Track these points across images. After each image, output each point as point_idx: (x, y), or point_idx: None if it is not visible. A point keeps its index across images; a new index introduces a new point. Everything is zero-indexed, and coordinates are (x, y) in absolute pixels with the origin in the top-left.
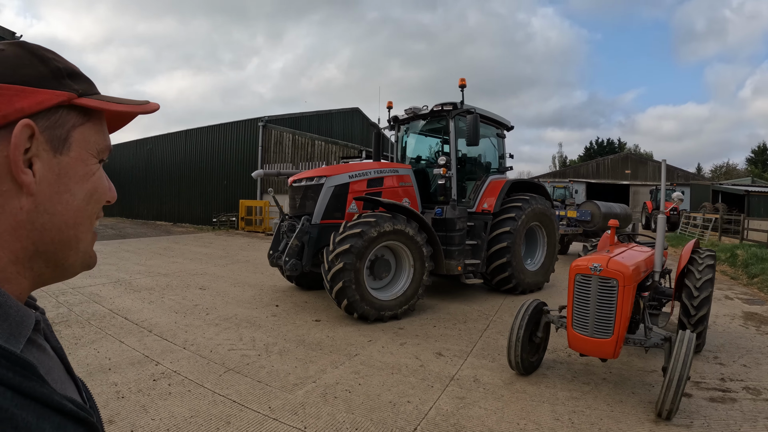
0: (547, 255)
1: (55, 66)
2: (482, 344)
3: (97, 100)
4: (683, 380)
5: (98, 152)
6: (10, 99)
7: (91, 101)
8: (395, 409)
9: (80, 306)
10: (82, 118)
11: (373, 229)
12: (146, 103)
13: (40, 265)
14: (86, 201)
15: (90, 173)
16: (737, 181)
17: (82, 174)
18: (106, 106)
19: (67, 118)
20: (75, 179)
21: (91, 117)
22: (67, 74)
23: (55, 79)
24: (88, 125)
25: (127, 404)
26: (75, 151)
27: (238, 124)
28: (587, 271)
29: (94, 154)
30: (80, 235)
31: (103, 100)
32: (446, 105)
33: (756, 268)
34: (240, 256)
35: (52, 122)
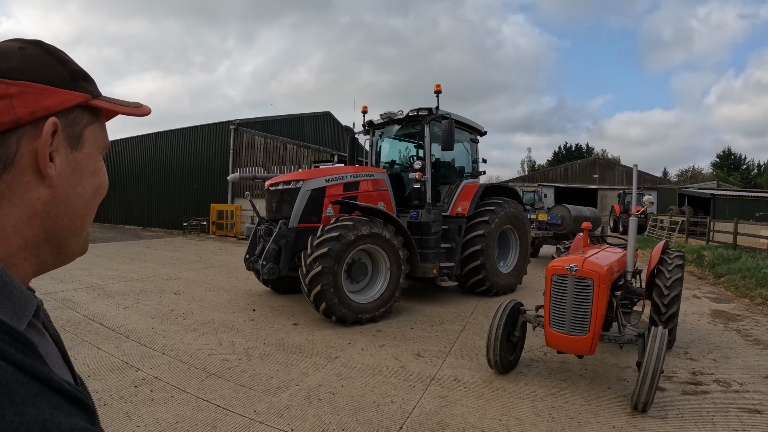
0: (520, 257)
1: (73, 68)
2: (460, 345)
3: (108, 102)
4: (657, 374)
5: (103, 149)
6: (36, 97)
7: (103, 103)
8: (380, 410)
9: (54, 312)
10: (92, 118)
11: (350, 232)
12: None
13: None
14: (94, 193)
15: (98, 169)
16: (703, 185)
17: (92, 169)
18: (114, 108)
19: (81, 117)
20: (87, 174)
21: (98, 117)
22: (82, 76)
23: (73, 80)
24: (96, 124)
25: (110, 411)
26: (87, 147)
27: (209, 127)
28: (563, 271)
29: (100, 151)
30: (85, 225)
31: (109, 101)
32: (421, 110)
33: (722, 268)
34: (213, 261)
35: (70, 120)
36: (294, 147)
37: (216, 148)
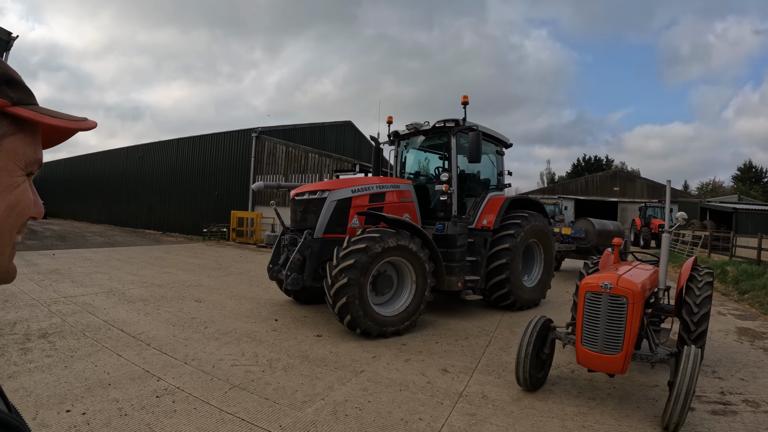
0: (544, 271)
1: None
2: (486, 360)
3: (31, 111)
4: (690, 394)
5: (27, 164)
6: None
7: (24, 111)
8: (408, 427)
9: (74, 316)
10: (13, 128)
11: (377, 244)
12: (84, 120)
13: None
14: (7, 213)
15: (14, 185)
16: (724, 198)
17: (5, 185)
18: (39, 118)
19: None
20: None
21: (23, 128)
22: (5, 81)
23: None
24: (18, 136)
25: (131, 422)
26: (2, 160)
27: (231, 134)
28: (597, 288)
29: (22, 166)
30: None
31: (40, 112)
32: (448, 121)
33: (746, 284)
34: (234, 268)
35: None
36: (316, 156)
37: (237, 156)
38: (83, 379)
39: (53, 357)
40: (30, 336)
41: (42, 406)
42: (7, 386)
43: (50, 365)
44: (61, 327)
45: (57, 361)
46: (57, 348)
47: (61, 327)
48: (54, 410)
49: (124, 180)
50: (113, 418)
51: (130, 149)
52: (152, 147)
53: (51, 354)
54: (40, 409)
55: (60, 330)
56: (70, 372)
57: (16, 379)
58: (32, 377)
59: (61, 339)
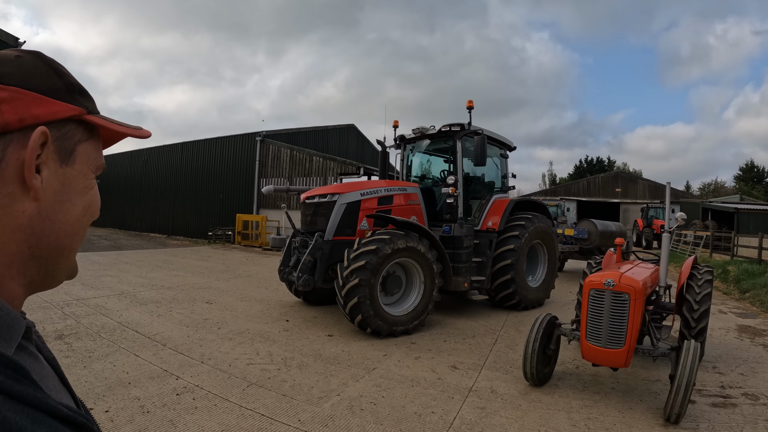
0: (548, 272)
1: (69, 81)
2: (493, 358)
3: (104, 120)
4: (690, 386)
5: (96, 168)
6: (28, 105)
7: (98, 119)
8: (422, 420)
9: (88, 318)
10: (87, 134)
11: (387, 246)
12: (140, 129)
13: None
14: (83, 212)
15: (89, 187)
16: (726, 198)
17: (83, 186)
18: (110, 126)
19: (75, 131)
20: (76, 190)
21: (93, 134)
22: (78, 91)
23: (69, 93)
24: (91, 141)
25: (153, 419)
26: (79, 164)
27: (235, 138)
28: (601, 286)
29: (93, 170)
30: (74, 245)
31: (106, 120)
32: (454, 125)
33: (747, 284)
34: (241, 271)
35: (62, 134)
36: (320, 159)
37: (242, 159)
38: (103, 378)
39: (71, 358)
40: (46, 337)
41: None
42: None
43: (69, 366)
44: (76, 328)
45: (75, 361)
46: (74, 349)
47: (77, 328)
48: None
49: (128, 184)
50: (136, 415)
51: (134, 153)
52: (156, 151)
53: (69, 355)
54: None
55: (75, 331)
56: (90, 372)
57: None
58: None
59: (78, 340)
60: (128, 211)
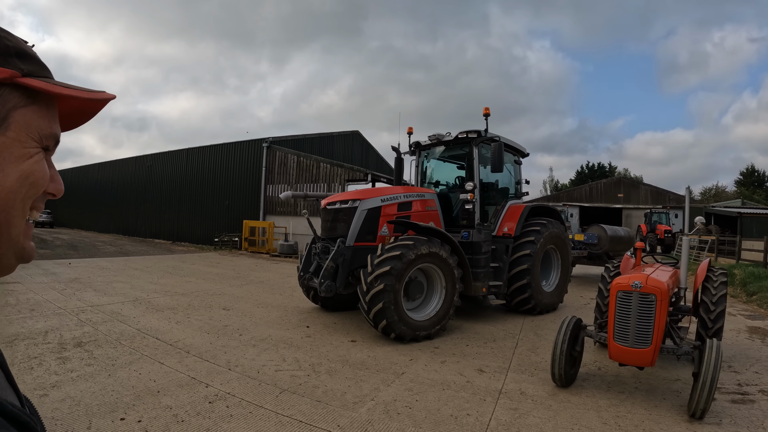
0: (561, 276)
1: (4, 44)
2: (517, 361)
3: (42, 82)
4: (715, 382)
5: (41, 138)
6: None
7: (34, 81)
8: (458, 422)
9: (105, 325)
10: (25, 100)
11: (411, 251)
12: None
13: None
14: (19, 183)
15: (26, 155)
16: (729, 203)
17: (17, 155)
18: (50, 88)
19: (8, 97)
20: (9, 159)
21: (36, 100)
22: (16, 53)
23: (2, 56)
24: (32, 108)
25: (189, 428)
26: (13, 131)
27: (242, 144)
28: (628, 288)
29: (36, 139)
30: (12, 220)
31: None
32: (471, 132)
33: (754, 286)
34: (252, 277)
35: None
36: (327, 165)
37: (248, 165)
38: (130, 387)
39: (94, 366)
40: (65, 345)
41: (94, 415)
42: (53, 396)
43: (93, 374)
44: (94, 336)
45: (99, 369)
46: (95, 357)
47: (95, 336)
48: (107, 419)
49: (132, 189)
50: (171, 425)
51: (138, 159)
52: (161, 157)
53: (91, 363)
54: (93, 418)
55: (94, 339)
56: (115, 380)
57: (60, 389)
58: (76, 386)
59: (98, 348)
60: (132, 216)
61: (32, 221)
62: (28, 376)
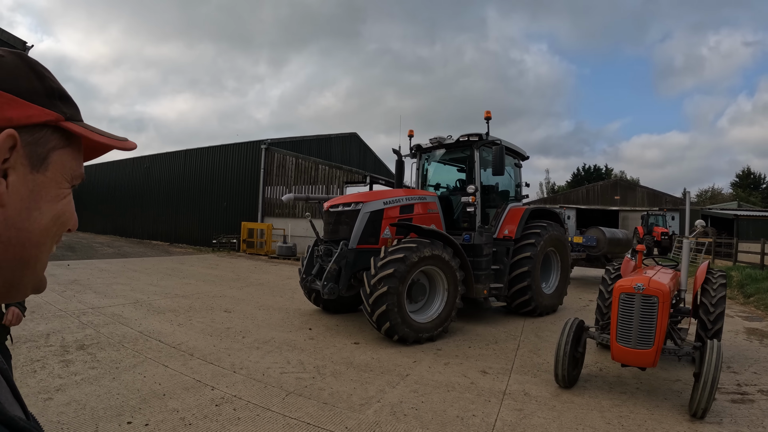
0: (561, 279)
1: (50, 85)
2: (520, 362)
3: (82, 127)
4: (716, 382)
5: (72, 178)
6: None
7: (76, 127)
8: (465, 423)
9: (107, 327)
10: (63, 142)
11: (414, 254)
12: (125, 140)
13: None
14: (53, 222)
15: (61, 196)
16: (725, 205)
17: (54, 195)
18: (89, 135)
19: (50, 138)
20: (46, 199)
21: (71, 142)
22: (59, 96)
23: (48, 97)
24: (67, 150)
25: (197, 431)
26: (51, 172)
27: (240, 145)
28: (631, 290)
29: (68, 179)
30: (40, 256)
31: (88, 128)
32: (472, 135)
33: (751, 288)
34: (252, 279)
35: (36, 139)
36: (326, 167)
37: (246, 167)
38: (135, 390)
39: (97, 369)
40: (68, 348)
41: (100, 419)
42: (57, 399)
43: (97, 377)
44: (96, 338)
45: (103, 372)
46: (99, 359)
47: (97, 338)
48: (114, 422)
49: (130, 191)
50: (179, 428)
51: (136, 160)
52: (159, 158)
53: (94, 366)
54: (100, 422)
55: (97, 341)
56: (120, 383)
57: (65, 392)
58: (81, 390)
59: (101, 350)
60: (130, 218)
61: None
62: (31, 380)
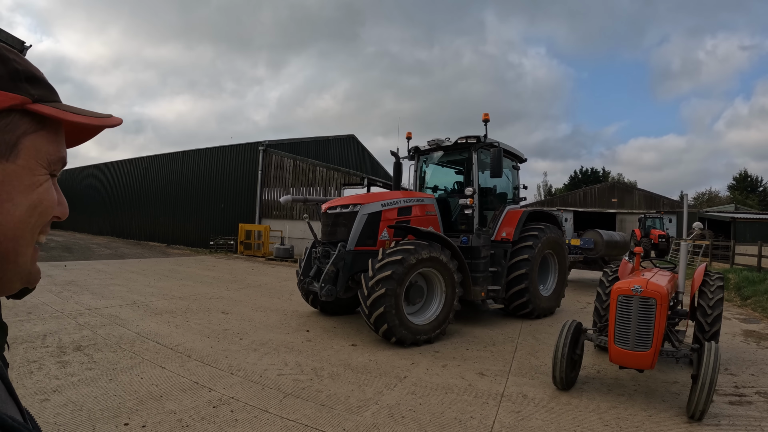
0: (558, 281)
1: (14, 67)
2: (517, 364)
3: (53, 108)
4: (714, 384)
5: (49, 163)
6: None
7: (45, 108)
8: (463, 425)
9: (104, 328)
10: (35, 126)
11: (412, 256)
12: (108, 117)
13: None
14: (29, 212)
15: (36, 183)
16: (722, 208)
17: (27, 184)
18: (61, 116)
19: (18, 123)
20: (19, 189)
21: (45, 125)
22: (26, 77)
23: (12, 81)
24: (41, 134)
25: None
26: (23, 159)
27: (237, 147)
28: (629, 292)
29: (45, 165)
30: (20, 249)
31: (62, 109)
32: (470, 138)
33: (748, 291)
34: (249, 281)
35: (2, 126)
36: (324, 169)
37: (244, 169)
38: (132, 391)
39: (94, 370)
40: (64, 349)
41: (97, 420)
42: (54, 401)
43: (94, 378)
44: (93, 339)
45: (100, 374)
46: (96, 361)
47: (94, 339)
48: (111, 424)
49: (127, 192)
50: (176, 430)
51: (133, 161)
52: (156, 159)
53: (91, 367)
54: (96, 424)
55: (93, 342)
56: (117, 385)
57: (61, 393)
58: (78, 391)
59: (98, 351)
60: (127, 219)
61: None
62: (28, 381)
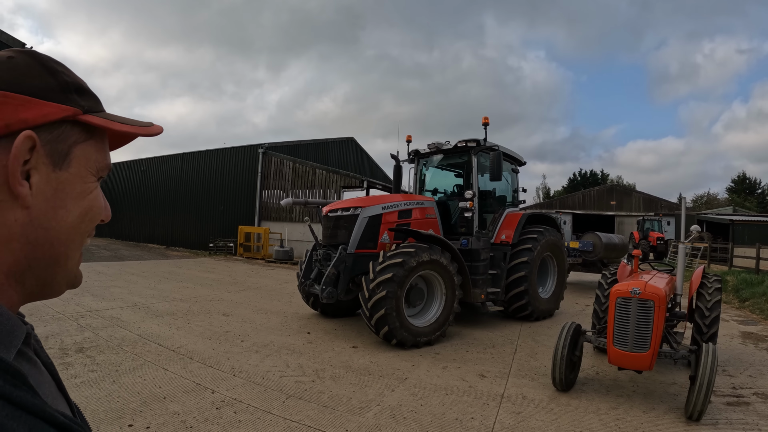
0: (558, 283)
1: (63, 80)
2: (517, 366)
3: (102, 119)
4: (711, 384)
5: (98, 170)
6: (15, 108)
7: (95, 119)
8: (464, 425)
9: (105, 330)
10: (84, 135)
11: (413, 258)
12: (150, 125)
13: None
14: (81, 218)
15: (87, 191)
16: (720, 210)
17: (79, 191)
18: (109, 125)
19: (70, 133)
20: (72, 196)
21: (93, 134)
22: (75, 89)
23: (63, 92)
24: (90, 142)
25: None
26: (75, 167)
27: (237, 149)
28: (627, 294)
29: (93, 172)
30: (70, 253)
31: (108, 118)
32: (470, 141)
33: (746, 293)
34: (249, 283)
35: (55, 136)
36: (323, 172)
37: (243, 171)
38: (135, 393)
39: (97, 372)
40: (66, 350)
41: (101, 422)
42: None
43: (97, 380)
44: (95, 341)
45: (102, 375)
46: (98, 362)
47: (96, 341)
48: (115, 425)
49: (126, 193)
50: (180, 431)
51: (133, 163)
52: (156, 161)
53: (94, 369)
54: (101, 425)
55: (95, 344)
56: (120, 386)
57: None
58: (81, 392)
59: (100, 353)
60: (126, 221)
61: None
62: None
